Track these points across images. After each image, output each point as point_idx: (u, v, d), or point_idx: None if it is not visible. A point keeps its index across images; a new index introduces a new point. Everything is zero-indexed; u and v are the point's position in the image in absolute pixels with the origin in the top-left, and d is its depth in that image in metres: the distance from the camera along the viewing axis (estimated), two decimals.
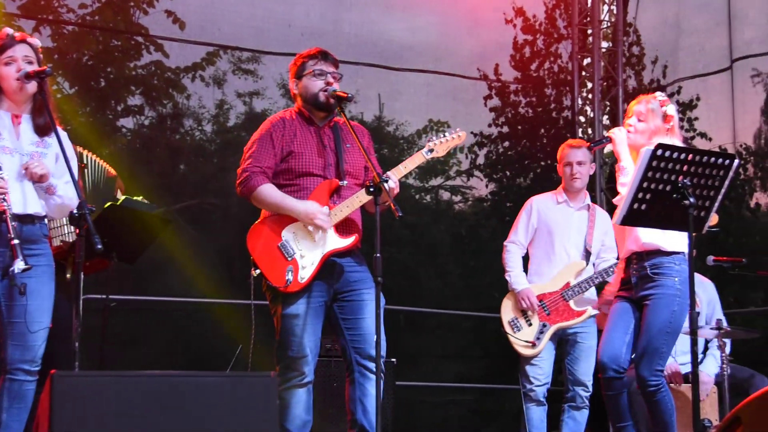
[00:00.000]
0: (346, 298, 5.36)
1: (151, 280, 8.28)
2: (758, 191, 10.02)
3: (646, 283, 5.51)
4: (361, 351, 5.29)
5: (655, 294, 5.51)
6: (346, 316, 5.35)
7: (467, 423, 9.62)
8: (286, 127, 5.42)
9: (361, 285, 5.37)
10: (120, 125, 9.41)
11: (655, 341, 5.49)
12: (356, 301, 5.35)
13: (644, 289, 5.51)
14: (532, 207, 6.79)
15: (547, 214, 6.70)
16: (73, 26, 8.88)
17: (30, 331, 4.62)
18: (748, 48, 9.66)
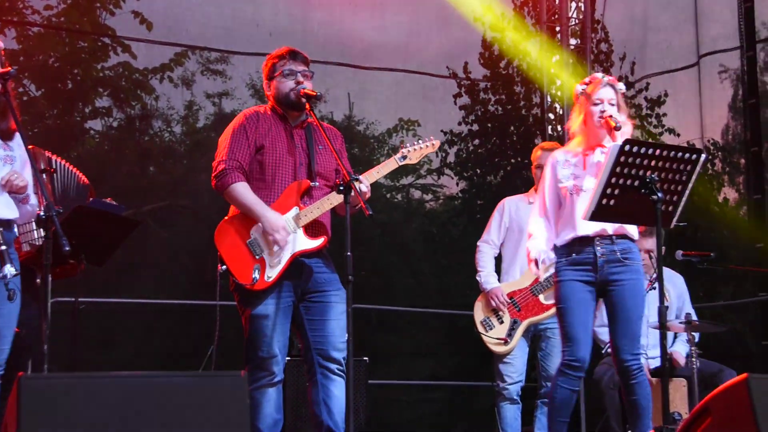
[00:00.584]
0: (313, 299, 5.36)
1: (122, 282, 8.24)
2: (726, 186, 10.10)
3: (615, 266, 5.48)
4: (322, 352, 5.29)
5: (629, 279, 5.50)
6: (311, 317, 5.34)
7: (440, 420, 9.64)
8: (260, 120, 5.42)
9: (328, 287, 5.37)
10: (88, 127, 9.37)
11: (635, 326, 5.52)
12: (323, 303, 5.35)
13: (612, 273, 5.49)
14: (504, 207, 6.86)
15: (518, 214, 6.76)
16: (39, 28, 8.84)
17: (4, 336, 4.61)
18: (714, 44, 9.72)
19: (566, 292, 5.49)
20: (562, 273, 5.49)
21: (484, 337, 6.66)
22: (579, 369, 5.44)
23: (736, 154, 9.94)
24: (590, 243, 5.48)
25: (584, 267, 5.48)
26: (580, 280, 5.48)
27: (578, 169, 5.52)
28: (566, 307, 5.47)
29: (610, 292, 5.50)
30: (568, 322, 5.45)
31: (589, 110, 5.53)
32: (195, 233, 8.58)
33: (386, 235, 9.98)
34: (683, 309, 7.16)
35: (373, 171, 5.43)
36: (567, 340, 5.47)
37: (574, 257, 5.48)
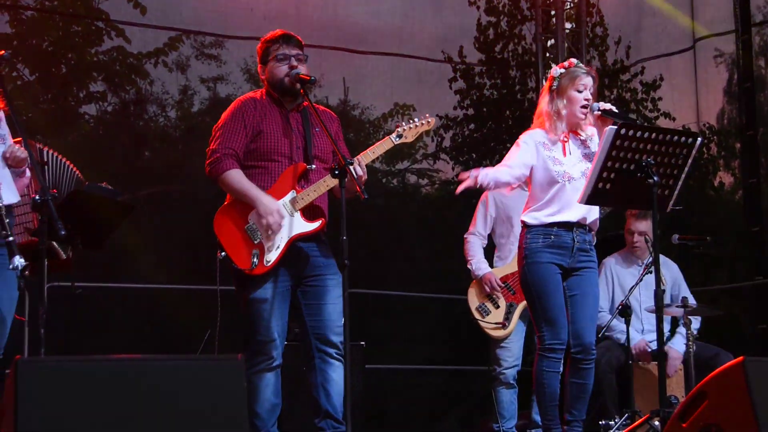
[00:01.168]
0: (310, 284, 5.37)
1: (118, 267, 8.24)
2: (722, 170, 10.10)
3: (583, 254, 5.53)
4: (321, 337, 5.31)
5: (591, 267, 5.59)
6: (308, 301, 5.36)
7: (437, 405, 9.66)
8: (256, 107, 5.42)
9: (324, 270, 5.38)
10: (83, 112, 9.35)
11: (595, 312, 5.65)
12: (320, 287, 5.36)
13: (581, 260, 5.53)
14: (487, 199, 6.86)
15: (503, 202, 6.77)
16: (32, 12, 8.80)
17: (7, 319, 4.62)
18: (709, 27, 9.71)
19: (544, 274, 5.48)
20: (539, 254, 5.47)
21: (481, 323, 6.66)
22: (561, 351, 5.47)
23: (732, 138, 9.95)
24: (571, 229, 5.50)
25: (561, 251, 5.49)
26: (555, 263, 5.49)
27: (558, 153, 5.51)
28: (544, 290, 5.46)
29: (574, 278, 5.54)
30: (549, 306, 5.45)
31: (573, 95, 5.51)
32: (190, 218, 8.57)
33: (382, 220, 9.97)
34: (679, 295, 7.16)
35: (368, 151, 5.43)
36: (547, 324, 5.46)
37: (553, 240, 5.47)
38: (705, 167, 9.96)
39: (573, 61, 5.65)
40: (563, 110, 5.50)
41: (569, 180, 5.45)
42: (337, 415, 5.23)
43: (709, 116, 9.99)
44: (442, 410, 9.59)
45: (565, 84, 5.50)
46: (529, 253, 5.49)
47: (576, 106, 5.48)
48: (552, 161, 5.47)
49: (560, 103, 5.51)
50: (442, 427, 9.39)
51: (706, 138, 9.84)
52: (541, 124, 5.58)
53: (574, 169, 5.47)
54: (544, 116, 5.55)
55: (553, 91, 5.53)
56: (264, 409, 5.30)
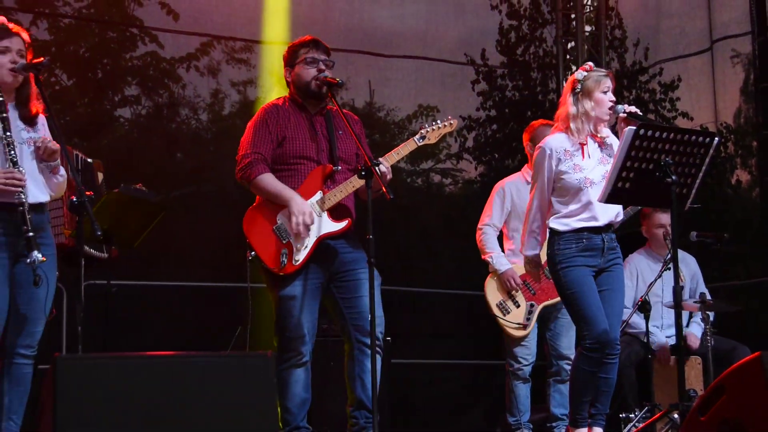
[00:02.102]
0: (343, 278, 5.39)
1: (151, 266, 8.28)
2: (739, 168, 10.03)
3: (612, 253, 5.52)
4: (360, 328, 5.32)
5: (618, 263, 5.58)
6: (344, 295, 5.37)
7: (461, 399, 9.65)
8: (280, 113, 5.43)
9: (356, 265, 5.39)
10: (118, 115, 9.39)
11: (621, 306, 5.61)
12: (353, 281, 5.38)
13: (610, 259, 5.52)
14: (504, 191, 6.76)
15: (520, 197, 6.69)
16: (70, 19, 8.85)
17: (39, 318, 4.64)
18: (726, 29, 9.65)
19: (579, 277, 5.46)
20: (573, 259, 5.45)
21: (501, 320, 6.60)
22: (601, 349, 5.42)
23: (748, 137, 9.88)
24: (599, 231, 5.49)
25: (593, 253, 5.48)
26: (589, 265, 5.47)
27: (578, 159, 5.48)
28: (580, 291, 5.44)
29: (605, 275, 5.53)
30: (585, 305, 5.42)
31: (599, 97, 5.48)
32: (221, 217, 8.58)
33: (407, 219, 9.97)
34: (697, 290, 7.14)
35: (393, 152, 5.44)
36: (585, 323, 5.42)
37: (585, 243, 5.46)
38: (722, 166, 9.90)
39: (591, 65, 5.63)
40: (591, 112, 5.47)
41: (591, 185, 5.43)
42: (371, 406, 5.23)
43: (726, 116, 9.92)
44: (467, 404, 9.58)
45: (591, 86, 5.47)
46: (563, 259, 5.46)
47: (603, 107, 5.46)
48: (573, 169, 5.44)
49: (588, 104, 5.48)
50: (466, 420, 9.38)
51: (724, 137, 9.78)
52: (563, 127, 5.55)
53: (594, 173, 5.45)
54: (570, 119, 5.50)
55: (578, 93, 5.49)
56: (294, 404, 5.31)
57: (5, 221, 4.57)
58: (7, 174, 4.49)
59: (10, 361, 4.65)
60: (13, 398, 4.65)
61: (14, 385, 4.65)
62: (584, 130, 5.49)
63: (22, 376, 4.67)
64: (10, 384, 4.65)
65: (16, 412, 4.66)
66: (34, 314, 4.67)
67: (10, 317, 4.63)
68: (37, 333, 4.71)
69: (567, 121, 5.52)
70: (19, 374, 4.67)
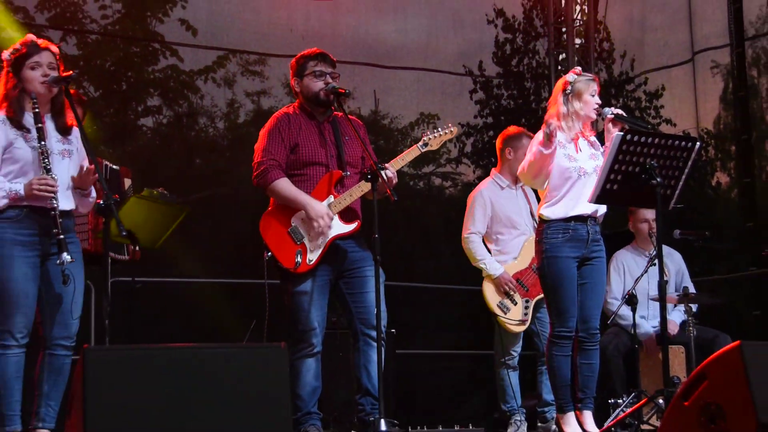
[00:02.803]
0: (351, 275, 5.39)
1: (172, 263, 8.28)
2: (719, 171, 10.01)
3: (595, 244, 5.51)
4: (365, 321, 5.32)
5: (601, 257, 5.57)
6: (351, 290, 5.38)
7: (461, 387, 9.65)
8: (291, 121, 5.43)
9: (362, 263, 5.40)
10: (141, 124, 9.40)
11: (602, 298, 5.63)
12: (359, 278, 5.39)
13: (593, 250, 5.51)
14: (483, 197, 6.71)
15: (498, 201, 6.68)
16: (96, 35, 8.87)
17: (72, 311, 4.67)
18: (707, 42, 9.65)
19: (562, 268, 5.45)
20: (558, 249, 5.44)
21: (502, 319, 6.59)
22: (569, 338, 5.46)
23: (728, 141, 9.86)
24: (585, 221, 5.48)
25: (578, 244, 5.47)
26: (572, 256, 5.47)
27: (572, 151, 5.49)
28: (559, 284, 5.44)
29: (588, 267, 5.52)
30: (561, 298, 5.44)
31: (588, 98, 5.51)
32: (237, 218, 8.60)
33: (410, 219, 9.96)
34: (682, 284, 7.13)
35: (398, 158, 5.46)
36: (557, 314, 5.45)
37: (571, 234, 5.45)
38: (704, 168, 9.89)
39: (580, 69, 5.68)
40: (580, 111, 5.51)
41: (583, 174, 5.44)
42: (376, 393, 5.23)
43: (706, 122, 9.91)
44: (467, 391, 9.58)
45: (581, 88, 5.50)
46: (549, 248, 5.46)
47: (590, 107, 5.50)
48: (567, 158, 5.45)
49: (577, 104, 5.51)
50: (466, 406, 9.38)
51: (705, 142, 9.77)
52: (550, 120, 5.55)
53: (587, 164, 5.46)
54: (560, 117, 5.52)
55: (569, 95, 5.52)
56: (305, 392, 5.32)
57: (37, 223, 4.61)
58: (41, 181, 4.52)
59: (49, 353, 4.70)
60: (51, 386, 4.69)
61: (53, 375, 4.69)
62: (574, 128, 5.52)
63: (60, 366, 4.72)
64: (49, 373, 4.69)
65: (54, 398, 4.71)
66: (66, 309, 4.69)
67: (45, 312, 4.66)
68: (72, 326, 4.74)
69: (558, 119, 5.52)
70: (58, 364, 4.71)
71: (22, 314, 4.58)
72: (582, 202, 5.42)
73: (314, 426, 5.32)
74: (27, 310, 4.60)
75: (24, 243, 4.59)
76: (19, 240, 4.58)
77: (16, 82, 4.68)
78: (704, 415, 3.59)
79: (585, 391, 5.55)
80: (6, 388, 4.57)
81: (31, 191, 4.52)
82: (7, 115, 4.64)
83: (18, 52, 4.70)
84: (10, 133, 4.62)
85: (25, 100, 4.68)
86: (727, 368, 3.57)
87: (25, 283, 4.58)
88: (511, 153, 6.70)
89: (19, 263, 4.57)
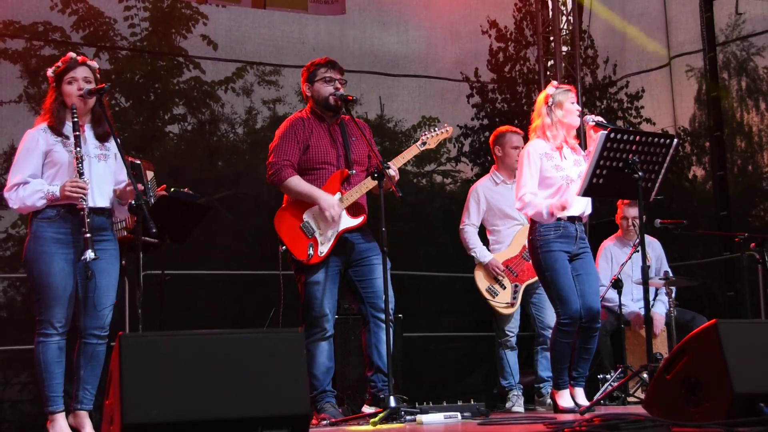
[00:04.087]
0: (359, 264, 5.40)
1: (198, 257, 8.29)
2: (695, 165, 9.98)
3: (582, 241, 5.52)
4: (374, 305, 5.33)
5: (587, 251, 5.57)
6: (360, 278, 5.39)
7: (463, 365, 9.65)
8: (304, 124, 5.44)
9: (369, 253, 5.41)
10: (167, 131, 9.40)
11: (597, 285, 5.65)
12: (367, 266, 5.39)
13: (581, 246, 5.51)
14: (478, 193, 6.75)
15: (492, 196, 6.70)
16: (126, 51, 8.88)
17: (104, 303, 4.68)
18: (682, 48, 9.64)
19: (556, 259, 5.44)
20: (551, 244, 5.43)
21: (491, 302, 6.61)
22: (573, 324, 5.42)
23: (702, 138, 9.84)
24: (574, 221, 5.48)
25: (568, 240, 5.46)
26: (564, 250, 5.47)
27: (558, 160, 5.48)
28: (556, 274, 5.42)
29: (578, 261, 5.51)
30: (560, 286, 5.41)
31: (569, 107, 5.51)
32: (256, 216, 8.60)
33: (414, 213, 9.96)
34: (661, 268, 7.13)
35: (399, 157, 5.46)
36: (560, 302, 5.43)
37: (562, 231, 5.45)
38: (681, 163, 9.86)
39: (556, 83, 5.71)
40: (564, 119, 5.50)
41: (570, 182, 5.43)
42: (386, 370, 5.23)
43: (683, 121, 9.89)
44: (468, 370, 9.58)
45: (561, 99, 5.53)
46: (543, 244, 5.44)
47: (573, 115, 5.50)
48: (555, 169, 5.45)
49: (560, 113, 5.51)
50: (468, 383, 9.38)
51: (681, 139, 9.75)
52: (542, 135, 5.54)
53: (572, 172, 5.46)
54: (546, 128, 5.52)
55: (551, 106, 5.53)
56: (320, 372, 5.33)
57: (71, 222, 4.63)
58: (74, 183, 4.56)
59: (83, 341, 4.72)
60: (87, 372, 4.71)
61: (88, 361, 4.71)
62: (559, 136, 5.50)
63: (95, 353, 4.74)
64: (84, 360, 4.71)
65: (90, 383, 4.74)
66: (100, 301, 4.71)
67: (79, 304, 4.68)
68: (105, 317, 4.75)
69: (543, 129, 5.53)
70: (93, 352, 4.73)
71: (61, 306, 4.60)
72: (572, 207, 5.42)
73: (329, 403, 5.33)
74: (65, 302, 4.62)
75: (61, 241, 4.62)
76: (57, 238, 4.62)
77: (57, 95, 4.74)
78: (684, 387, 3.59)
79: (579, 371, 5.55)
80: (48, 372, 4.60)
81: (64, 192, 4.55)
82: (49, 124, 4.70)
83: (58, 69, 4.78)
84: (50, 139, 4.69)
85: (64, 111, 4.72)
86: (705, 344, 3.57)
87: (63, 278, 4.61)
88: (500, 150, 6.74)
89: (58, 259, 4.60)
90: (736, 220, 8.88)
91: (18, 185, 4.62)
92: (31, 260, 4.62)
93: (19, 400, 7.57)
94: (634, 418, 3.34)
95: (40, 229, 4.62)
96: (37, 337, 4.62)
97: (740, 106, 9.44)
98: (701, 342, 3.60)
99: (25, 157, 4.66)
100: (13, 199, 4.64)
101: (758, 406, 3.38)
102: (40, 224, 4.63)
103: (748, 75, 9.48)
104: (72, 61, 4.77)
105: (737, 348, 3.50)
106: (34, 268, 4.60)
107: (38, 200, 4.60)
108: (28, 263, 4.64)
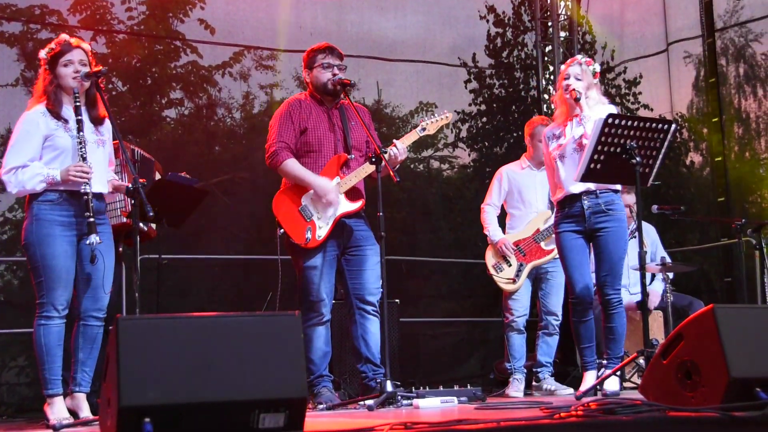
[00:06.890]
0: (352, 253, 5.40)
1: (196, 241, 8.29)
2: (692, 151, 9.98)
3: (599, 216, 5.46)
4: (361, 297, 5.34)
5: (611, 227, 5.48)
6: (350, 268, 5.39)
7: (459, 350, 9.66)
8: (302, 107, 5.43)
9: (364, 242, 5.40)
10: (165, 115, 9.38)
11: (616, 266, 5.52)
12: (360, 256, 5.39)
13: (597, 222, 5.47)
14: (502, 175, 6.84)
15: (515, 179, 6.75)
16: (124, 35, 8.84)
17: (104, 285, 4.68)
18: (679, 33, 9.63)
19: (562, 242, 5.51)
20: (560, 225, 5.54)
21: (495, 277, 6.70)
22: (581, 303, 5.44)
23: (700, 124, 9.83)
24: (578, 199, 5.48)
25: (574, 219, 5.48)
26: (571, 230, 5.48)
27: (562, 139, 5.51)
28: (563, 254, 5.51)
29: (597, 238, 5.50)
30: (567, 266, 5.50)
31: (560, 84, 5.56)
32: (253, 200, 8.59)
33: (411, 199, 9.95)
34: (657, 254, 7.14)
35: (398, 142, 5.43)
36: (569, 281, 5.52)
37: (566, 211, 5.49)
38: (678, 149, 9.86)
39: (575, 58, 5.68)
40: (559, 99, 5.57)
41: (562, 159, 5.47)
42: (376, 360, 5.25)
43: (680, 107, 9.88)
44: (465, 355, 9.59)
45: (559, 78, 5.59)
46: (555, 225, 5.60)
47: (562, 90, 5.53)
48: (554, 149, 5.51)
49: (558, 93, 5.59)
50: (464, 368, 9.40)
51: (679, 125, 9.74)
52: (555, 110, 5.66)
53: (567, 148, 5.47)
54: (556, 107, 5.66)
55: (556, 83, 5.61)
56: (317, 356, 5.33)
57: (74, 206, 4.63)
58: (77, 167, 4.55)
59: (82, 324, 4.73)
60: (86, 354, 4.73)
61: (86, 343, 4.73)
62: (563, 114, 5.57)
63: (93, 335, 4.75)
64: (83, 342, 4.72)
65: (88, 365, 4.76)
66: (98, 284, 4.71)
67: (79, 287, 4.69)
68: (103, 299, 4.76)
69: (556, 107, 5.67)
70: (91, 334, 4.74)
71: (63, 288, 4.61)
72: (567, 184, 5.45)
73: (326, 387, 5.34)
74: (67, 284, 4.63)
75: (63, 223, 4.62)
76: (59, 221, 4.62)
77: (52, 78, 4.71)
78: (681, 371, 3.59)
79: (608, 353, 5.52)
80: (49, 355, 4.60)
81: (67, 176, 4.55)
82: (47, 107, 4.66)
83: (53, 51, 4.74)
84: (50, 123, 4.67)
85: (61, 94, 4.70)
86: (702, 329, 3.57)
87: (65, 260, 4.61)
88: (530, 141, 6.80)
89: (61, 242, 4.60)
90: (733, 206, 8.88)
91: (17, 168, 4.61)
92: (33, 243, 4.61)
93: (17, 383, 7.59)
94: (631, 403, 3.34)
95: (42, 212, 4.61)
96: (37, 319, 4.63)
97: (738, 92, 9.43)
98: (698, 327, 3.60)
99: (25, 140, 4.64)
100: (12, 183, 4.62)
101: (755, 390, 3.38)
102: (41, 207, 4.62)
103: (746, 61, 9.46)
104: (66, 44, 4.74)
105: (734, 333, 3.51)
106: (38, 251, 4.60)
107: (38, 184, 4.60)
108: (30, 246, 4.62)
